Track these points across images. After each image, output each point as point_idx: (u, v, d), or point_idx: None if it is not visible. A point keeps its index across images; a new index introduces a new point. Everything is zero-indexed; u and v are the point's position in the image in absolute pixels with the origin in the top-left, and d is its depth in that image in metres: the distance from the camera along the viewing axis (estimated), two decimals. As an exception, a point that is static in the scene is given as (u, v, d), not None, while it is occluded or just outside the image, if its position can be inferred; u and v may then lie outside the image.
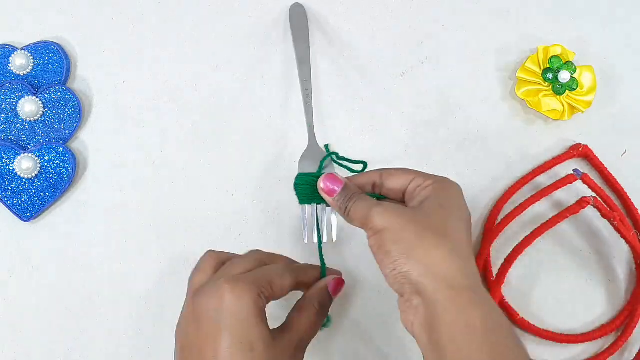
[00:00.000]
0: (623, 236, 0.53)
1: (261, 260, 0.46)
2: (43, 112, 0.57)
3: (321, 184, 0.46)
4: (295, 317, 0.45)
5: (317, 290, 0.47)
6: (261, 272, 0.44)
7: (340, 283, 0.48)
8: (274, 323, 0.43)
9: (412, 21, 0.59)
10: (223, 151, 0.57)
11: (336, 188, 0.46)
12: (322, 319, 0.46)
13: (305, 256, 0.53)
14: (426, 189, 0.44)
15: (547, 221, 0.53)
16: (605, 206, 0.52)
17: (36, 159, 0.55)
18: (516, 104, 0.58)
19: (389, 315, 0.55)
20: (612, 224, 0.53)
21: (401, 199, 0.46)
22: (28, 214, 0.56)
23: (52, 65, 0.57)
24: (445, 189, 0.44)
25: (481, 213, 0.57)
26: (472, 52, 0.59)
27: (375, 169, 0.48)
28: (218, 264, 0.46)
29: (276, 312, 0.45)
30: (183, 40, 0.59)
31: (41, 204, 0.56)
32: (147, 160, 0.57)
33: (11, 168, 0.55)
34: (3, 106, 0.57)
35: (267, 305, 0.43)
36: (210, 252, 0.47)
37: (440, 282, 0.39)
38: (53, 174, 0.56)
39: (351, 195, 0.45)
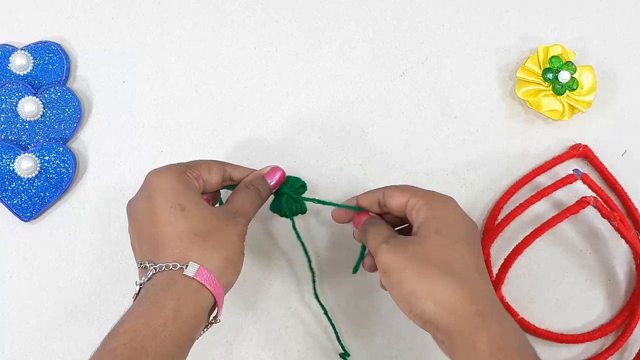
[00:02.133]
0: (623, 236, 0.53)
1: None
2: (43, 112, 0.57)
3: (355, 218, 0.50)
4: (232, 195, 0.48)
5: (253, 176, 0.50)
6: (189, 162, 0.47)
7: (276, 170, 0.50)
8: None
9: (412, 21, 0.59)
10: (223, 151, 0.57)
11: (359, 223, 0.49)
12: (259, 200, 0.48)
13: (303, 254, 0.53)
14: (420, 212, 0.45)
15: (547, 221, 0.53)
16: (605, 206, 0.52)
17: (36, 159, 0.55)
18: (516, 104, 0.58)
19: (388, 314, 0.55)
20: (612, 224, 0.53)
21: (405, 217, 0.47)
22: (28, 214, 0.56)
23: (52, 65, 0.57)
24: (437, 209, 0.44)
25: (481, 213, 0.57)
26: (472, 52, 0.59)
27: (379, 187, 0.49)
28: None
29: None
30: (183, 40, 0.59)
31: (41, 204, 0.56)
32: (147, 160, 0.57)
33: (11, 168, 0.55)
34: (3, 106, 0.57)
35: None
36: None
37: (450, 315, 0.40)
38: (53, 174, 0.56)
39: (367, 224, 0.48)
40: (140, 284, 0.42)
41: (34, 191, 0.56)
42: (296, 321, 0.55)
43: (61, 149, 0.56)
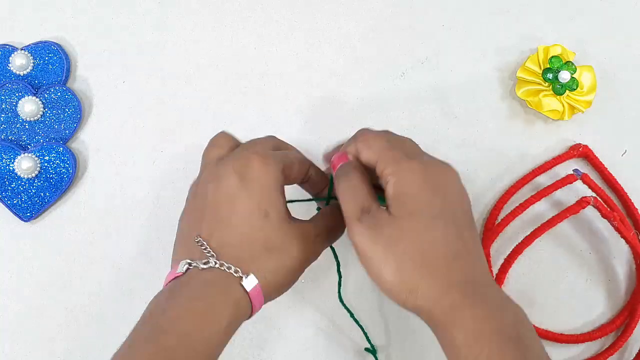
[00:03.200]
0: (623, 236, 0.53)
1: (278, 145, 0.45)
2: (43, 112, 0.57)
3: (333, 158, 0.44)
4: (317, 215, 0.44)
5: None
6: (286, 153, 0.43)
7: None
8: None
9: (412, 21, 0.59)
10: (223, 151, 0.57)
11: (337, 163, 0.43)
12: (342, 226, 0.43)
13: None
14: (389, 184, 0.40)
15: (547, 221, 0.53)
16: (605, 206, 0.52)
17: (36, 159, 0.55)
18: (516, 104, 0.58)
19: (388, 314, 0.55)
20: (612, 224, 0.53)
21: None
22: (28, 214, 0.56)
23: (52, 65, 0.57)
24: (407, 183, 0.39)
25: (481, 213, 0.57)
26: (472, 52, 0.59)
27: (358, 131, 0.45)
28: (234, 144, 0.44)
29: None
30: (183, 40, 0.59)
31: (41, 204, 0.56)
32: (147, 160, 0.57)
33: (11, 168, 0.55)
34: (3, 106, 0.57)
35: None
36: (224, 132, 0.46)
37: (429, 308, 0.38)
38: (53, 174, 0.56)
39: (345, 174, 0.42)
40: (191, 265, 0.39)
41: (34, 191, 0.56)
42: (296, 321, 0.55)
43: (61, 149, 0.56)
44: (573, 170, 0.54)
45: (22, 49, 0.57)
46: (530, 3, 0.59)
